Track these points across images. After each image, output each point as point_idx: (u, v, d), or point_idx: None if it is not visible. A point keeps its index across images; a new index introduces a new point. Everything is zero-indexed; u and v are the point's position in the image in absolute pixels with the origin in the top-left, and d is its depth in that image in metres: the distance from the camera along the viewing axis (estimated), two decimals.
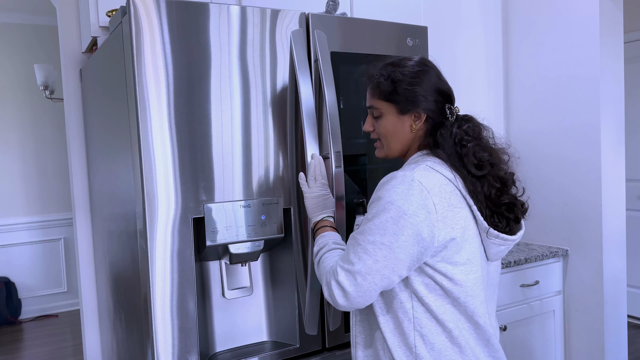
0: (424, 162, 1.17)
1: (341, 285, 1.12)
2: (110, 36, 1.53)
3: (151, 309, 1.34)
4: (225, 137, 1.42)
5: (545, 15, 2.46)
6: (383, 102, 1.23)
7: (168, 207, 1.35)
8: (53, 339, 4.19)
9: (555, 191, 2.44)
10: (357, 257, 1.11)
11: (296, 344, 1.54)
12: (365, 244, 1.10)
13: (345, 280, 1.11)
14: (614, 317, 2.37)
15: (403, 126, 1.23)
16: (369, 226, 1.11)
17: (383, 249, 1.09)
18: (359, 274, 1.10)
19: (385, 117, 1.24)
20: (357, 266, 1.10)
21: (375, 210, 1.12)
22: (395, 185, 1.11)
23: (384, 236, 1.09)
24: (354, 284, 1.10)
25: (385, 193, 1.12)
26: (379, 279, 1.10)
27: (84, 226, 2.09)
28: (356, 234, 1.14)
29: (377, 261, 1.09)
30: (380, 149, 1.30)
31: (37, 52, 4.67)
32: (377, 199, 1.13)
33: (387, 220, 1.09)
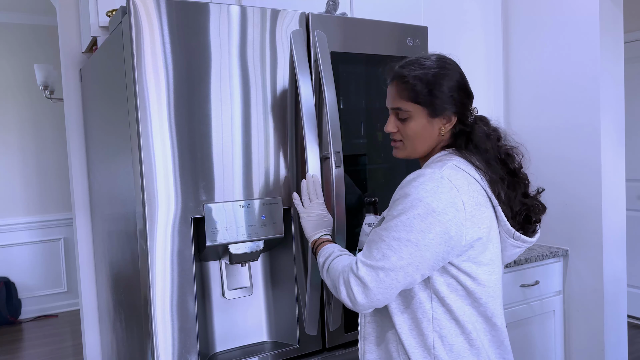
0: (449, 161, 1.15)
1: (362, 280, 1.07)
2: (110, 36, 1.53)
3: (151, 309, 1.34)
4: (225, 137, 1.42)
5: (545, 15, 2.46)
6: (413, 104, 1.18)
7: (168, 207, 1.35)
8: (53, 339, 4.19)
9: (555, 191, 2.44)
10: (381, 253, 1.07)
11: (296, 344, 1.54)
12: (390, 240, 1.07)
13: (366, 275, 1.07)
14: (614, 317, 2.37)
15: (432, 129, 1.19)
16: (395, 222, 1.08)
17: (409, 245, 1.06)
18: (382, 270, 1.06)
19: (414, 120, 1.19)
20: (381, 262, 1.06)
21: (402, 206, 1.08)
22: (424, 182, 1.08)
23: (410, 233, 1.06)
24: (376, 280, 1.06)
25: (413, 190, 1.08)
26: (402, 277, 1.07)
27: (84, 226, 2.09)
28: (380, 230, 1.11)
29: (401, 258, 1.06)
30: (402, 150, 1.24)
31: (37, 52, 4.67)
32: (404, 196, 1.09)
33: (415, 217, 1.06)
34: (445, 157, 1.18)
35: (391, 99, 1.22)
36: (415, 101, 1.18)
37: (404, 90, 1.19)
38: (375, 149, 1.71)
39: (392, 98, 1.22)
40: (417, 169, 1.24)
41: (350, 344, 1.63)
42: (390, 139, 1.27)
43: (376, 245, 1.09)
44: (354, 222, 1.62)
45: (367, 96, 1.69)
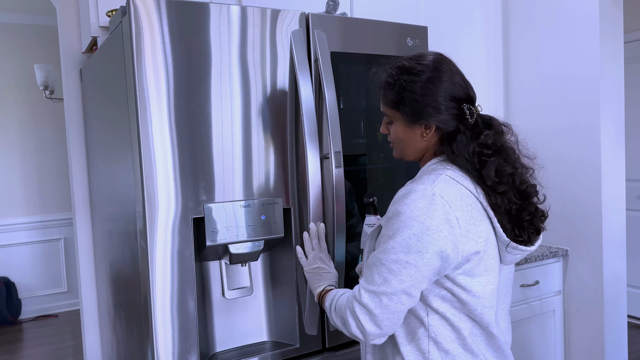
0: (443, 172, 1.12)
1: (366, 307, 1.07)
2: (110, 36, 1.53)
3: (151, 309, 1.34)
4: (225, 137, 1.42)
5: (545, 15, 2.46)
6: (391, 110, 1.18)
7: (168, 207, 1.35)
8: (53, 339, 4.19)
9: (555, 191, 2.44)
10: (382, 277, 1.06)
11: (296, 344, 1.54)
12: (390, 264, 1.06)
13: (370, 302, 1.07)
14: (614, 317, 2.37)
15: (414, 134, 1.17)
16: (392, 244, 1.06)
17: (408, 267, 1.05)
18: (385, 295, 1.06)
19: (395, 125, 1.20)
20: (382, 287, 1.06)
21: (397, 226, 1.07)
22: (416, 199, 1.06)
23: (408, 254, 1.05)
24: (380, 305, 1.06)
25: (406, 208, 1.06)
26: (406, 299, 1.07)
27: (84, 226, 2.09)
28: (378, 254, 1.09)
29: (402, 281, 1.05)
30: (395, 151, 1.26)
31: (37, 52, 4.67)
32: (397, 214, 1.07)
33: (410, 237, 1.05)
34: (439, 165, 1.15)
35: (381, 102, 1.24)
36: (393, 107, 1.17)
37: (383, 95, 1.20)
38: (375, 149, 1.71)
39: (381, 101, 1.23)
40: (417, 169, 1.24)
41: (350, 344, 1.63)
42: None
43: (377, 269, 1.08)
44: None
45: (367, 96, 1.69)
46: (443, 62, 1.16)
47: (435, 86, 1.12)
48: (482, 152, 1.12)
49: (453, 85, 1.14)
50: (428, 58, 1.16)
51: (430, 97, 1.12)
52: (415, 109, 1.13)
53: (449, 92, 1.13)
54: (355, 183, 1.66)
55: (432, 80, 1.12)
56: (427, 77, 1.12)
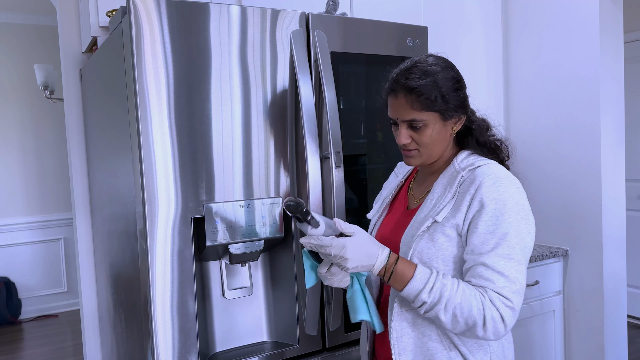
0: (485, 161, 1.17)
1: (514, 307, 1.06)
2: (110, 36, 1.53)
3: (151, 309, 1.34)
4: (225, 137, 1.42)
5: (545, 15, 2.46)
6: (428, 112, 1.14)
7: (168, 207, 1.35)
8: (53, 339, 4.19)
9: (555, 191, 2.44)
10: (522, 273, 1.08)
11: (296, 344, 1.54)
12: (518, 254, 1.08)
13: (519, 301, 1.07)
14: (614, 317, 2.37)
15: (446, 132, 1.19)
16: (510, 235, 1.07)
17: (527, 252, 1.10)
18: (522, 287, 1.08)
19: (429, 127, 1.15)
20: (520, 281, 1.07)
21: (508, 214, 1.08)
22: (510, 185, 1.11)
23: (526, 239, 1.10)
24: (520, 299, 1.08)
25: (506, 194, 1.10)
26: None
27: (84, 226, 2.09)
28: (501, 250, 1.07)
29: (526, 267, 1.10)
30: (417, 157, 1.19)
31: (37, 52, 4.67)
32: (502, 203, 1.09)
33: (520, 222, 1.09)
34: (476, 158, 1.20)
35: (403, 111, 1.15)
36: (429, 109, 1.14)
37: (415, 101, 1.13)
38: (375, 149, 1.71)
39: (403, 110, 1.15)
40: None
41: (350, 344, 1.63)
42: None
43: (514, 268, 1.07)
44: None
45: (367, 96, 1.69)
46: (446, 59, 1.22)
47: (458, 79, 1.18)
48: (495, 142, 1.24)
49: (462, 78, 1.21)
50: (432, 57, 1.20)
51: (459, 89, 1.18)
52: (453, 103, 1.16)
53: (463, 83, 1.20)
54: (355, 183, 1.66)
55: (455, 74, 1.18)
56: (452, 72, 1.18)
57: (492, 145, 1.23)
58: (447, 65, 1.19)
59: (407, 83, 1.13)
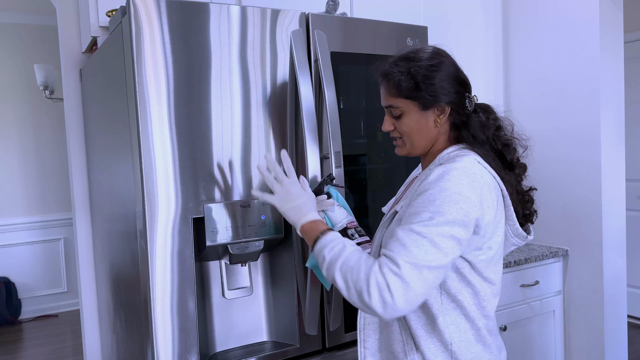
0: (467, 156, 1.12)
1: (405, 279, 0.99)
2: (110, 36, 1.53)
3: (151, 309, 1.34)
4: (225, 137, 1.42)
5: (545, 15, 2.46)
6: (403, 100, 1.16)
7: (168, 207, 1.35)
8: (53, 339, 4.19)
9: (555, 191, 2.44)
10: (423, 250, 1.01)
11: (296, 344, 1.54)
12: (434, 237, 1.02)
13: (409, 274, 0.99)
14: (614, 317, 2.37)
15: (427, 122, 1.17)
16: (436, 218, 1.03)
17: (452, 241, 1.03)
18: (427, 268, 1.00)
19: (407, 115, 1.17)
20: (425, 260, 1.00)
21: (441, 201, 1.04)
22: (458, 176, 1.06)
23: (453, 228, 1.02)
24: (420, 278, 0.99)
25: (450, 184, 1.05)
26: (443, 273, 1.04)
27: (84, 226, 2.09)
28: (414, 227, 1.03)
29: (447, 255, 1.02)
30: (402, 147, 1.22)
31: (37, 52, 4.67)
32: (441, 190, 1.05)
33: (458, 212, 1.03)
34: (458, 152, 1.16)
35: (383, 98, 1.21)
36: (404, 96, 1.16)
37: (392, 87, 1.17)
38: (375, 149, 1.71)
39: (383, 96, 1.21)
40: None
41: (350, 344, 1.63)
42: (391, 139, 1.26)
43: (415, 242, 1.01)
44: None
45: (367, 96, 1.69)
46: (442, 51, 1.21)
47: (443, 69, 1.16)
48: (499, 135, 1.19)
49: (457, 70, 1.19)
50: (428, 48, 1.20)
51: (442, 79, 1.15)
52: (430, 92, 1.14)
53: (456, 75, 1.18)
54: (355, 183, 1.66)
55: (440, 65, 1.16)
56: (435, 62, 1.16)
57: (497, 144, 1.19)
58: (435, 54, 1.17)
59: (386, 69, 1.18)
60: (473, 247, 1.10)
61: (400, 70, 1.16)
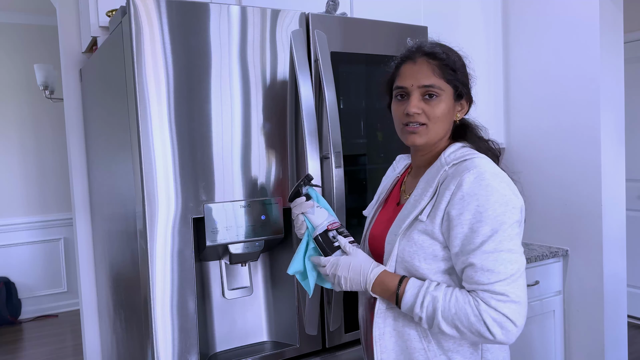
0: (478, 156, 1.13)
1: (510, 297, 1.01)
2: (110, 36, 1.53)
3: (151, 309, 1.34)
4: (225, 137, 1.42)
5: (545, 15, 2.46)
6: (445, 82, 1.14)
7: (168, 207, 1.35)
8: (53, 339, 4.19)
9: (555, 191, 2.44)
10: (505, 262, 1.02)
11: (296, 344, 1.54)
12: (504, 244, 1.03)
13: (511, 290, 1.01)
14: (614, 317, 2.37)
15: (452, 113, 1.18)
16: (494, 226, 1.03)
17: (518, 239, 1.06)
18: (518, 273, 1.03)
19: (442, 100, 1.14)
20: (512, 269, 1.02)
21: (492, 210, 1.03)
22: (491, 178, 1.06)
23: (514, 229, 1.05)
24: (520, 287, 1.03)
25: (488, 189, 1.04)
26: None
27: (84, 226, 2.09)
28: (486, 247, 1.02)
29: (521, 253, 1.05)
30: (423, 134, 1.15)
31: (37, 52, 4.67)
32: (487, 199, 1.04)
33: (512, 213, 1.05)
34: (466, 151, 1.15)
35: (421, 77, 1.14)
36: (447, 80, 1.15)
37: (437, 67, 1.14)
38: (375, 149, 1.71)
39: (422, 75, 1.14)
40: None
41: (351, 344, 1.63)
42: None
43: (497, 262, 1.02)
44: (354, 223, 1.62)
45: (367, 96, 1.69)
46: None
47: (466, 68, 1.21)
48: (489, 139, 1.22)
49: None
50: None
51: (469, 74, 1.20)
52: (464, 83, 1.17)
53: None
54: (355, 183, 1.66)
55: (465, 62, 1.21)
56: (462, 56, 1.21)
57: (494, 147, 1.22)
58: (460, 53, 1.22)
59: (432, 50, 1.17)
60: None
61: (448, 55, 1.16)
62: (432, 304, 1.05)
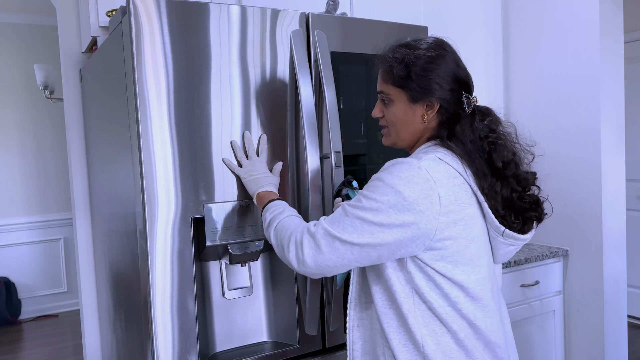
0: (433, 153, 1.09)
1: (317, 242, 1.07)
2: (110, 36, 1.53)
3: (151, 309, 1.34)
4: (225, 137, 1.42)
5: (545, 15, 2.46)
6: (394, 87, 1.14)
7: (168, 207, 1.35)
8: (53, 339, 4.19)
9: (555, 191, 2.44)
10: (342, 226, 1.06)
11: (296, 344, 1.54)
12: (353, 219, 1.05)
13: (322, 239, 1.07)
14: (614, 317, 2.37)
15: (414, 115, 1.14)
16: (364, 204, 1.05)
17: (372, 227, 1.04)
18: (339, 240, 1.05)
19: (395, 104, 1.15)
20: (341, 234, 1.05)
21: (373, 189, 1.06)
22: (401, 169, 1.05)
23: (376, 216, 1.04)
24: (330, 246, 1.06)
25: (389, 176, 1.05)
26: (357, 252, 1.06)
27: (84, 226, 2.09)
28: (348, 206, 1.08)
29: (362, 236, 1.04)
30: (388, 137, 1.21)
31: (37, 52, 4.67)
32: (379, 179, 1.07)
33: (384, 203, 1.03)
34: (430, 148, 1.13)
35: (379, 82, 1.19)
36: (395, 84, 1.13)
37: (384, 72, 1.16)
38: (375, 149, 1.71)
39: (378, 81, 1.19)
40: None
41: None
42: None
43: (339, 218, 1.07)
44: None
45: (367, 96, 1.69)
46: (447, 44, 1.17)
47: (440, 63, 1.12)
48: (488, 135, 1.12)
49: (458, 67, 1.14)
50: (431, 39, 1.16)
51: (436, 74, 1.11)
52: (420, 85, 1.11)
53: (454, 73, 1.13)
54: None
55: (438, 57, 1.12)
56: (434, 54, 1.12)
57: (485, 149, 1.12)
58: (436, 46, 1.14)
59: (384, 54, 1.17)
60: (423, 247, 1.05)
61: (396, 56, 1.13)
62: (279, 213, 1.22)
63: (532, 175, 1.17)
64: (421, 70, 1.11)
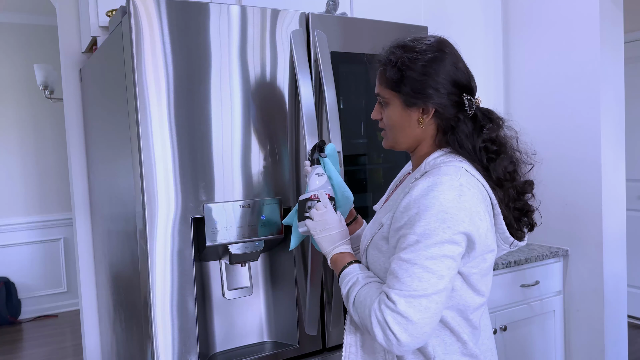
0: (459, 164, 1.05)
1: (403, 315, 0.95)
2: (110, 36, 1.53)
3: (151, 309, 1.34)
4: (225, 137, 1.42)
5: (545, 15, 2.46)
6: (389, 91, 1.10)
7: (168, 207, 1.35)
8: (53, 339, 4.19)
9: (555, 191, 2.44)
10: (417, 278, 0.96)
11: (296, 344, 1.54)
12: (424, 261, 0.96)
13: (408, 309, 0.95)
14: (614, 317, 2.37)
15: (410, 120, 1.10)
16: (423, 241, 0.97)
17: (445, 260, 0.97)
18: (425, 297, 0.95)
19: (391, 107, 1.11)
20: (420, 289, 0.95)
21: (425, 221, 0.97)
22: (444, 191, 0.98)
23: (442, 247, 0.96)
24: (420, 310, 0.95)
25: (434, 201, 0.98)
26: (445, 297, 0.98)
27: (83, 226, 2.09)
28: (403, 255, 0.98)
29: (442, 277, 0.96)
30: (387, 140, 1.17)
31: (37, 52, 4.67)
32: (426, 208, 0.98)
33: (444, 231, 0.96)
34: (448, 157, 1.08)
35: (376, 84, 1.15)
36: (390, 87, 1.10)
37: (380, 74, 1.13)
38: (375, 149, 1.71)
39: (376, 82, 1.15)
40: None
41: None
42: None
43: (406, 272, 0.97)
44: None
45: (367, 96, 1.69)
46: (447, 44, 1.12)
47: (437, 67, 1.07)
48: (487, 148, 1.09)
49: (456, 70, 1.09)
50: (431, 39, 1.11)
51: (432, 78, 1.06)
52: (414, 89, 1.07)
53: (452, 76, 1.08)
54: (355, 183, 1.66)
55: (435, 60, 1.07)
56: (430, 57, 1.07)
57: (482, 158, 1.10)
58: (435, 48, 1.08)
59: (379, 57, 1.14)
60: (466, 260, 1.03)
61: (390, 58, 1.09)
62: (351, 286, 1.08)
63: (530, 184, 1.16)
64: (415, 74, 1.07)
